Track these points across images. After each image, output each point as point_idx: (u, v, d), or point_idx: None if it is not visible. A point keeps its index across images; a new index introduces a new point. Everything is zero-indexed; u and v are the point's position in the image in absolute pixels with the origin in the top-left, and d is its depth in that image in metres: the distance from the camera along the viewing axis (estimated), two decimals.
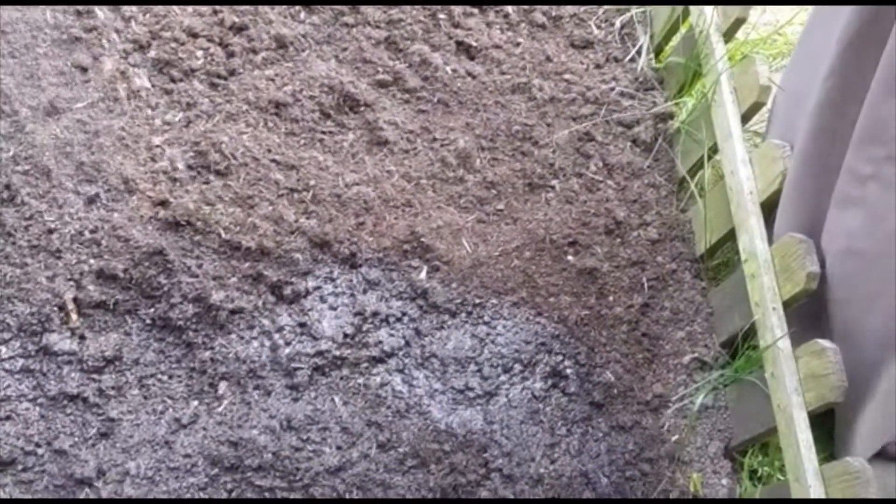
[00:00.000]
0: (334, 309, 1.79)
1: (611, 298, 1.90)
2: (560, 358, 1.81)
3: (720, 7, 1.91)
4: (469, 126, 2.07)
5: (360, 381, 1.73)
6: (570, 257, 1.93)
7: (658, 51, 2.21)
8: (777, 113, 1.89)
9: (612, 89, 2.14)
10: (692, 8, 2.00)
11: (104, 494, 1.56)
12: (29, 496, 1.56)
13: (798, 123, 1.67)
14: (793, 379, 1.54)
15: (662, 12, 2.18)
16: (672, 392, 1.80)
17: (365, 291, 1.82)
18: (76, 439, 1.62)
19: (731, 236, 1.81)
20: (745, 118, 1.81)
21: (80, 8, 2.09)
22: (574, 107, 2.12)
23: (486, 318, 1.84)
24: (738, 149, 1.76)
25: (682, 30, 2.12)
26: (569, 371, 1.81)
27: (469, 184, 1.99)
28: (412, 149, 2.03)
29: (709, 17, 1.91)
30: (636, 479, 1.70)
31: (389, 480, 1.64)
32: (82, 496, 1.56)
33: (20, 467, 1.58)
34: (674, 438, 1.75)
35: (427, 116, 2.08)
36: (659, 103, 2.10)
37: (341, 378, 1.73)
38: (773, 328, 1.58)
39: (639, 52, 2.19)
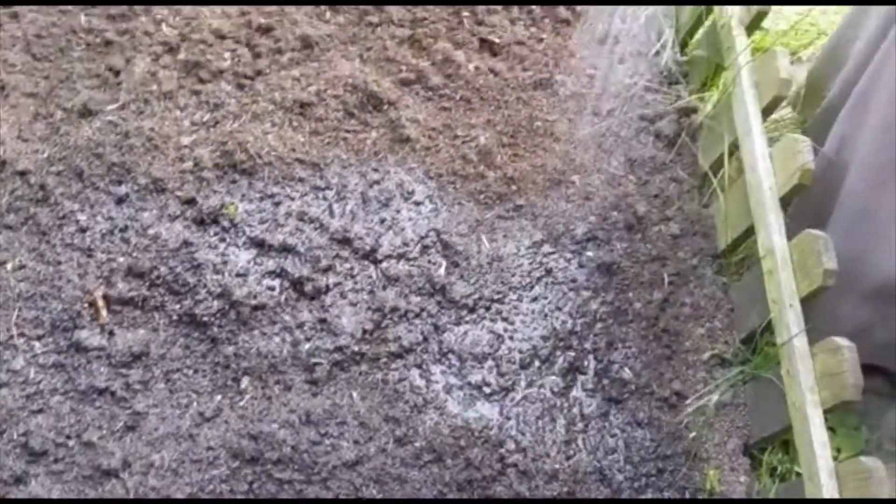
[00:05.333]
0: (354, 305, 1.82)
1: (630, 294, 1.89)
2: (578, 354, 1.82)
3: None
4: (490, 122, 2.08)
5: (379, 376, 1.76)
6: (589, 252, 1.93)
7: (683, 44, 2.18)
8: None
9: (636, 84, 2.13)
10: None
11: (129, 486, 1.62)
12: (59, 486, 1.62)
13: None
14: (808, 377, 1.52)
15: (687, 6, 2.15)
16: (691, 389, 1.79)
17: (384, 287, 1.85)
18: (104, 432, 1.68)
19: (751, 232, 1.79)
20: (766, 112, 1.79)
21: (114, 11, 2.15)
22: (597, 102, 2.11)
23: (505, 314, 1.85)
24: (757, 143, 1.73)
25: (707, 23, 2.09)
26: (587, 367, 1.81)
27: (489, 180, 2.01)
28: (434, 146, 2.05)
29: (730, 10, 1.88)
30: (652, 476, 1.70)
31: (405, 475, 1.67)
32: (108, 487, 1.62)
33: (52, 458, 1.65)
34: (692, 435, 1.74)
35: (449, 114, 2.09)
36: (683, 97, 2.09)
37: (360, 373, 1.76)
38: (790, 325, 1.56)
39: (663, 47, 2.17)
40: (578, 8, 2.26)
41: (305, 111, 2.06)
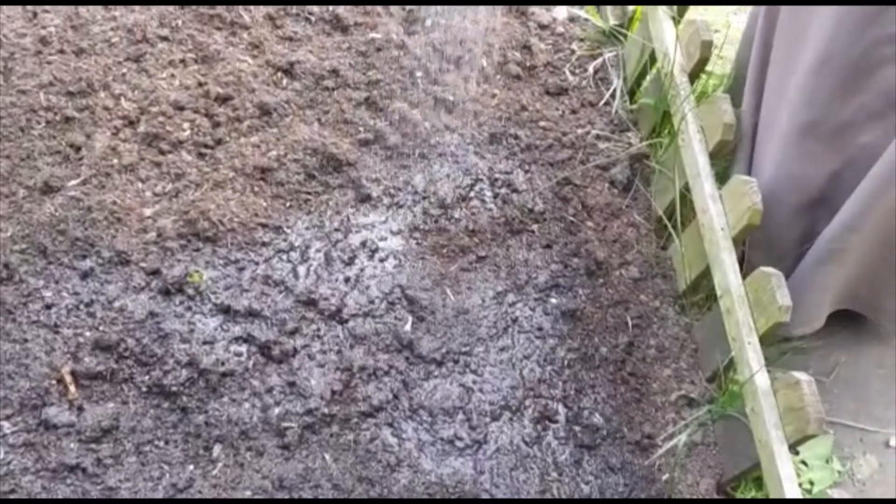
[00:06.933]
0: (322, 366, 1.83)
1: (596, 339, 1.92)
2: (548, 402, 1.84)
3: (682, 48, 1.95)
4: (450, 177, 2.12)
5: (350, 437, 1.76)
6: (553, 300, 1.97)
7: (632, 93, 2.26)
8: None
9: (588, 133, 2.19)
10: (658, 50, 2.05)
11: None
12: None
13: None
14: (772, 413, 1.55)
15: (633, 56, 2.23)
16: (661, 431, 1.81)
17: (352, 347, 1.86)
18: None
19: (709, 272, 1.83)
20: (713, 155, 1.85)
21: (73, 88, 2.18)
22: (551, 152, 2.17)
23: (473, 366, 1.87)
24: (706, 186, 1.79)
25: (652, 71, 2.17)
26: (557, 415, 1.83)
27: (451, 233, 2.04)
28: (394, 203, 2.09)
29: (672, 58, 1.95)
30: None
31: None
32: None
33: None
34: (664, 477, 1.76)
35: (408, 171, 2.14)
36: (634, 144, 2.15)
37: (331, 435, 1.76)
38: (750, 363, 1.60)
39: (613, 96, 2.24)
40: (529, 63, 2.32)
41: (266, 176, 2.09)
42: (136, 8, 2.29)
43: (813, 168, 1.76)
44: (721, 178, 1.92)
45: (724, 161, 2.04)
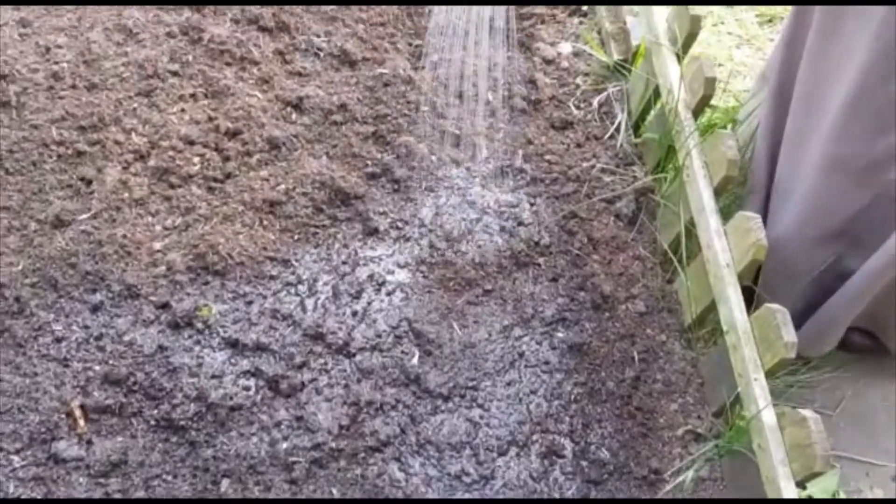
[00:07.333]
0: (329, 400, 1.84)
1: (602, 373, 1.93)
2: (555, 437, 1.84)
3: (686, 84, 1.98)
4: (456, 210, 2.14)
5: (358, 471, 1.77)
6: (560, 333, 1.98)
7: (636, 127, 2.28)
8: None
9: (593, 167, 2.21)
10: (662, 86, 2.07)
11: None
12: None
13: None
14: (779, 450, 1.55)
15: (637, 90, 2.26)
16: (668, 466, 1.81)
17: (359, 381, 1.87)
18: None
19: (714, 306, 1.84)
20: (718, 191, 1.86)
21: (84, 123, 2.21)
22: (557, 185, 2.19)
23: (480, 401, 1.88)
24: (711, 222, 1.80)
25: (656, 107, 2.19)
26: (564, 449, 1.83)
27: (458, 266, 2.06)
28: (402, 236, 2.11)
29: (676, 95, 1.97)
30: None
31: None
32: None
33: None
34: None
35: (415, 204, 2.16)
36: (639, 178, 2.17)
37: (338, 469, 1.77)
38: (757, 399, 1.61)
39: (617, 130, 2.26)
40: (534, 97, 2.35)
41: (275, 209, 2.11)
42: (148, 43, 2.33)
43: (841, 202, 1.78)
44: (725, 212, 1.93)
45: (729, 196, 2.06)
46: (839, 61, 1.71)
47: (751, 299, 1.81)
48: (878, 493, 1.91)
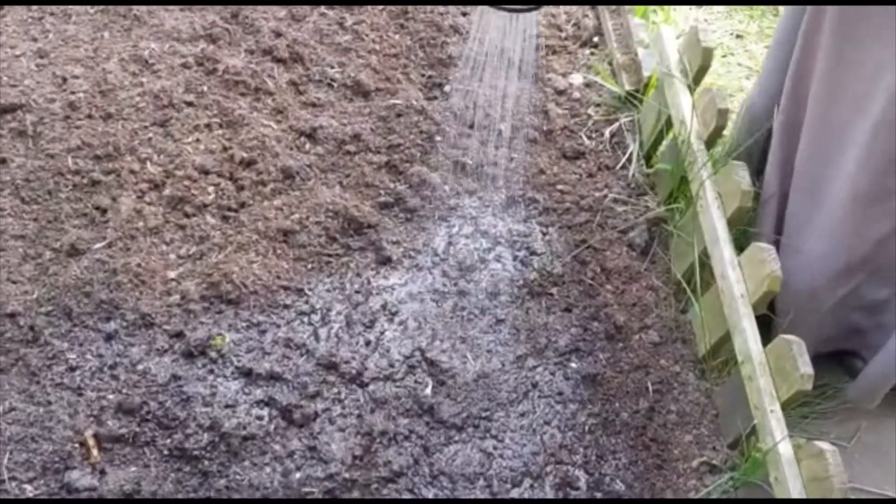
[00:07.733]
0: (343, 430, 1.84)
1: (617, 404, 1.92)
2: (569, 468, 1.83)
3: (698, 116, 1.99)
4: (469, 240, 2.15)
5: None
6: (573, 364, 1.97)
7: (648, 157, 2.29)
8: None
9: (606, 196, 2.22)
10: (674, 117, 2.09)
11: None
12: None
13: None
14: (797, 483, 1.54)
15: (648, 121, 2.27)
16: (683, 498, 1.80)
17: (372, 411, 1.87)
18: None
19: (728, 337, 1.84)
20: (731, 222, 1.87)
21: (100, 152, 2.23)
22: (569, 215, 2.20)
23: (494, 432, 1.87)
24: (725, 253, 1.81)
25: (668, 137, 2.20)
26: (578, 481, 1.82)
27: (471, 296, 2.06)
28: (415, 265, 2.11)
29: (689, 126, 1.99)
30: None
31: None
32: None
33: None
34: None
35: (427, 233, 2.17)
36: (651, 208, 2.18)
37: (352, 501, 1.76)
38: (773, 431, 1.60)
39: (629, 160, 2.27)
40: (546, 127, 2.37)
41: (289, 239, 2.12)
42: (163, 74, 2.35)
43: (866, 232, 1.78)
44: (738, 242, 1.93)
45: (741, 227, 2.06)
46: (861, 90, 1.71)
47: (764, 327, 1.80)
48: None
